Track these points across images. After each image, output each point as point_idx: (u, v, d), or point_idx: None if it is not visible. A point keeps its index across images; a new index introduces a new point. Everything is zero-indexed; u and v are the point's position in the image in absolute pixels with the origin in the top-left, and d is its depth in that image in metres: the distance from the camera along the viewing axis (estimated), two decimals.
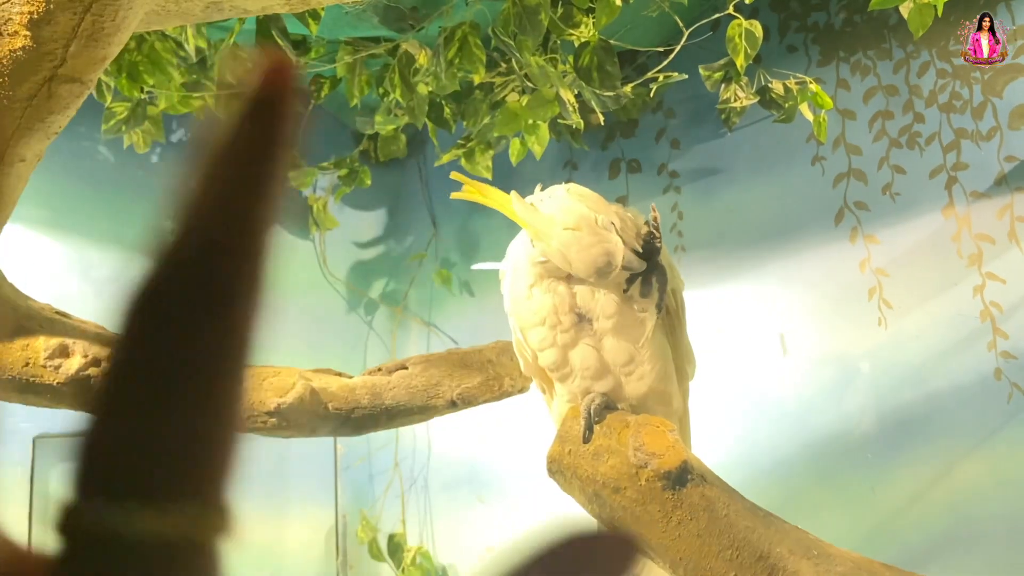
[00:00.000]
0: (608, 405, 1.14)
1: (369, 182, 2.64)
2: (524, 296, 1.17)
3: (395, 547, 2.77)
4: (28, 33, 0.95)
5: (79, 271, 2.37)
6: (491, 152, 2.39)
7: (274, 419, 1.22)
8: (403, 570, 2.68)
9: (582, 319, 1.16)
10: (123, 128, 2.21)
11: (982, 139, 1.92)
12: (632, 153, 2.56)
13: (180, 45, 1.91)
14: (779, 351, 2.15)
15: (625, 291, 1.12)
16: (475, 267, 3.21)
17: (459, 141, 2.36)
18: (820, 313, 2.11)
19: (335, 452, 2.84)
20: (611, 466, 1.04)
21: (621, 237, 1.15)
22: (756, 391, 2.18)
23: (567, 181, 2.71)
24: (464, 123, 2.36)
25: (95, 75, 1.05)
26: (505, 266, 1.24)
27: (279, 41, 1.85)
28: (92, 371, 1.18)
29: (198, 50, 1.87)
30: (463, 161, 2.39)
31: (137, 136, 2.29)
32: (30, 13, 0.94)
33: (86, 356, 1.18)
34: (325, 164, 2.58)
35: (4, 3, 0.95)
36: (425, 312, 3.06)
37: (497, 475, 2.75)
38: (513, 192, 1.15)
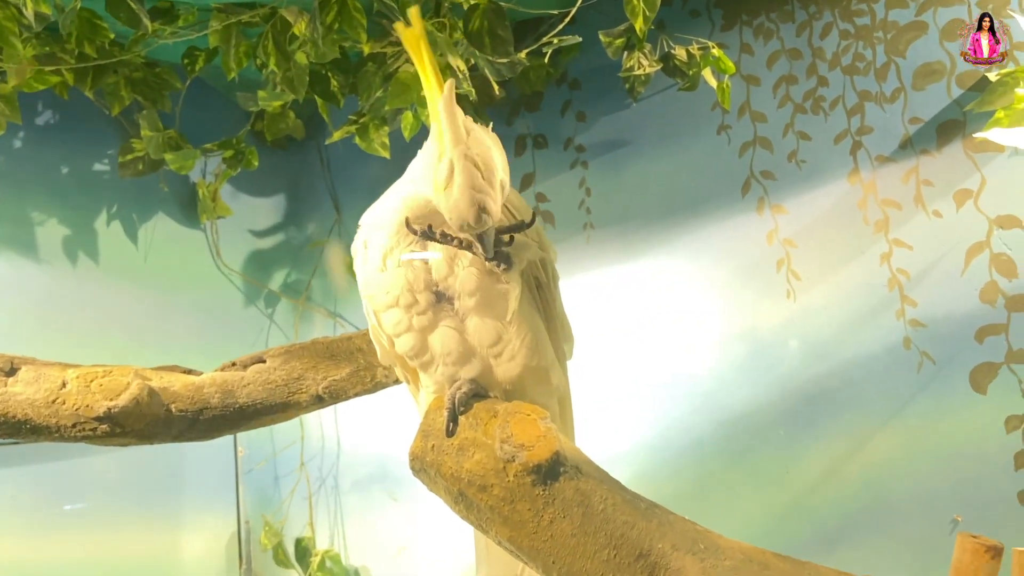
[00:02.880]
0: (477, 393, 1.01)
1: (256, 164, 2.45)
2: (376, 269, 1.04)
3: (303, 551, 2.61)
4: None
5: None
6: (386, 128, 2.24)
7: (105, 425, 1.06)
8: (310, 575, 2.53)
9: (441, 298, 1.03)
10: None
11: (886, 101, 1.86)
12: (538, 128, 2.45)
13: (22, 12, 1.70)
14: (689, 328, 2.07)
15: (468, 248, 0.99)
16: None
17: (351, 117, 2.21)
18: (729, 287, 2.04)
19: (235, 454, 2.67)
20: (477, 461, 0.92)
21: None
22: (669, 370, 2.10)
23: None
24: (359, 98, 2.20)
25: None
26: (358, 242, 1.10)
27: (132, 6, 1.67)
28: None
29: (41, 16, 1.66)
30: (357, 139, 2.24)
31: None
32: None
33: None
34: (208, 145, 2.38)
35: None
36: (330, 303, 2.89)
37: (410, 472, 2.62)
38: (451, 81, 0.99)
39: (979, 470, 1.67)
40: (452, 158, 0.92)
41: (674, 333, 2.09)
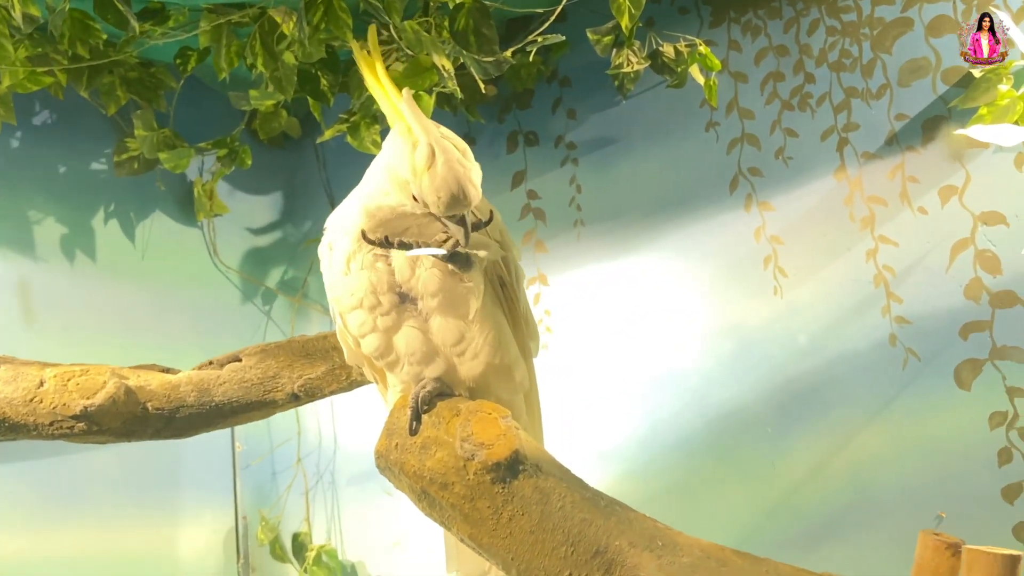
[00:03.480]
0: (442, 392, 1.03)
1: (250, 163, 2.47)
2: (341, 272, 1.05)
3: (299, 546, 2.64)
4: None
5: None
6: (378, 127, 2.25)
7: (82, 423, 1.09)
8: (306, 569, 2.56)
9: (404, 299, 1.04)
10: None
11: (872, 97, 1.85)
12: (529, 125, 2.45)
13: (11, 14, 1.73)
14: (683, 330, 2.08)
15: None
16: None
17: (341, 115, 2.22)
18: (718, 284, 2.04)
19: (233, 450, 2.69)
20: (438, 459, 0.93)
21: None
22: (657, 367, 2.10)
23: None
24: (351, 97, 2.22)
25: None
26: (324, 245, 1.12)
27: (119, 6, 1.69)
28: None
29: (29, 18, 1.68)
30: (349, 137, 2.25)
31: None
32: None
33: None
34: (203, 144, 2.40)
35: None
36: (327, 299, 2.91)
37: None
38: (407, 89, 1.02)
39: (963, 466, 1.67)
40: (430, 142, 0.95)
41: (663, 329, 2.10)
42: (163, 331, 2.57)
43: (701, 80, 2.00)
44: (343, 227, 1.08)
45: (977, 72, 1.65)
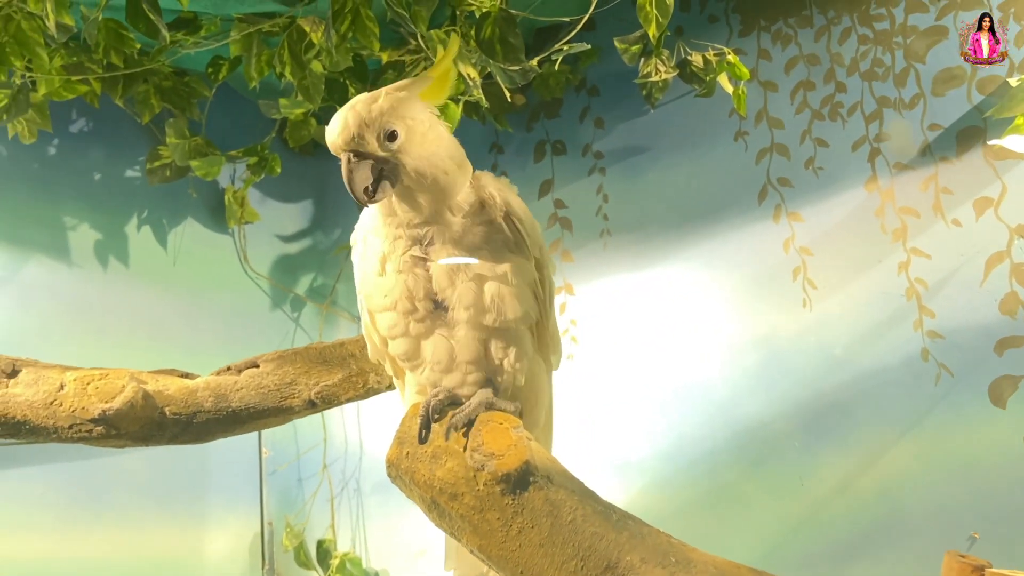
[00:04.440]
0: (454, 401, 1.02)
1: (279, 170, 2.49)
2: (375, 272, 1.05)
3: (324, 553, 2.65)
4: None
5: None
6: None
7: (100, 427, 1.10)
8: None
9: (438, 306, 1.04)
10: (3, 117, 2.06)
11: (905, 107, 1.81)
12: (557, 134, 2.45)
13: (46, 23, 1.76)
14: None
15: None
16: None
17: None
18: (745, 295, 2.01)
19: (260, 456, 2.71)
20: (449, 469, 0.92)
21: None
22: (683, 378, 2.08)
23: (493, 164, 2.60)
24: None
25: None
26: (358, 235, 1.12)
27: (150, 16, 1.72)
28: None
29: (63, 27, 1.72)
30: None
31: (21, 125, 2.14)
32: None
33: None
34: (233, 152, 2.43)
35: None
36: (355, 307, 2.92)
37: None
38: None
39: (997, 485, 1.62)
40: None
41: (688, 340, 2.07)
42: (193, 336, 2.60)
43: (730, 89, 1.97)
44: (374, 226, 1.09)
45: (1014, 81, 1.61)
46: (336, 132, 0.98)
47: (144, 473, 2.45)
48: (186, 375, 1.24)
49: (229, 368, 1.23)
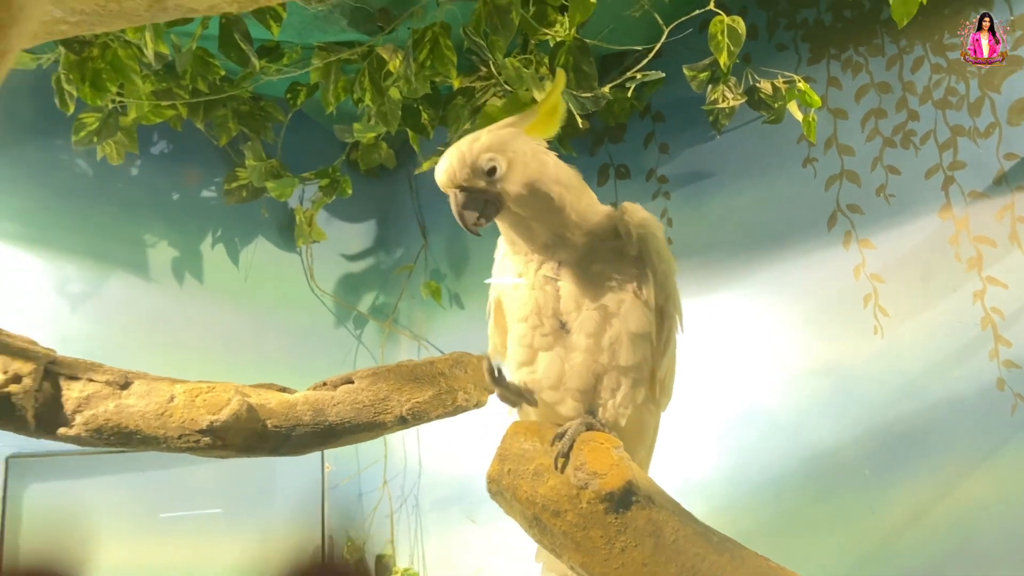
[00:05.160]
0: (591, 427, 1.05)
1: (350, 192, 2.57)
2: (511, 284, 1.11)
3: (383, 568, 2.68)
4: None
5: (55, 286, 2.32)
6: None
7: (207, 438, 1.15)
8: None
9: (563, 326, 1.08)
10: (94, 139, 2.17)
11: (980, 136, 1.81)
12: (621, 158, 2.48)
13: (143, 52, 1.85)
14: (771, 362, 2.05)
15: None
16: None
17: (439, 148, 2.29)
18: (814, 322, 2.01)
19: (323, 470, 2.76)
20: (551, 487, 0.95)
21: None
22: (749, 403, 2.08)
23: None
24: (448, 130, 2.29)
25: None
26: (500, 250, 1.19)
27: (242, 45, 1.80)
28: (12, 388, 1.11)
29: (159, 56, 1.81)
30: None
31: (110, 148, 2.24)
32: None
33: (6, 372, 1.11)
34: (306, 174, 2.51)
35: None
36: (415, 325, 2.98)
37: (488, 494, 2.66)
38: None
39: None
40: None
41: (754, 365, 2.08)
42: (260, 351, 2.68)
43: (799, 116, 1.99)
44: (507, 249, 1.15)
45: None
46: (441, 171, 1.05)
47: (213, 484, 2.52)
48: (284, 389, 1.29)
49: (325, 384, 1.28)
